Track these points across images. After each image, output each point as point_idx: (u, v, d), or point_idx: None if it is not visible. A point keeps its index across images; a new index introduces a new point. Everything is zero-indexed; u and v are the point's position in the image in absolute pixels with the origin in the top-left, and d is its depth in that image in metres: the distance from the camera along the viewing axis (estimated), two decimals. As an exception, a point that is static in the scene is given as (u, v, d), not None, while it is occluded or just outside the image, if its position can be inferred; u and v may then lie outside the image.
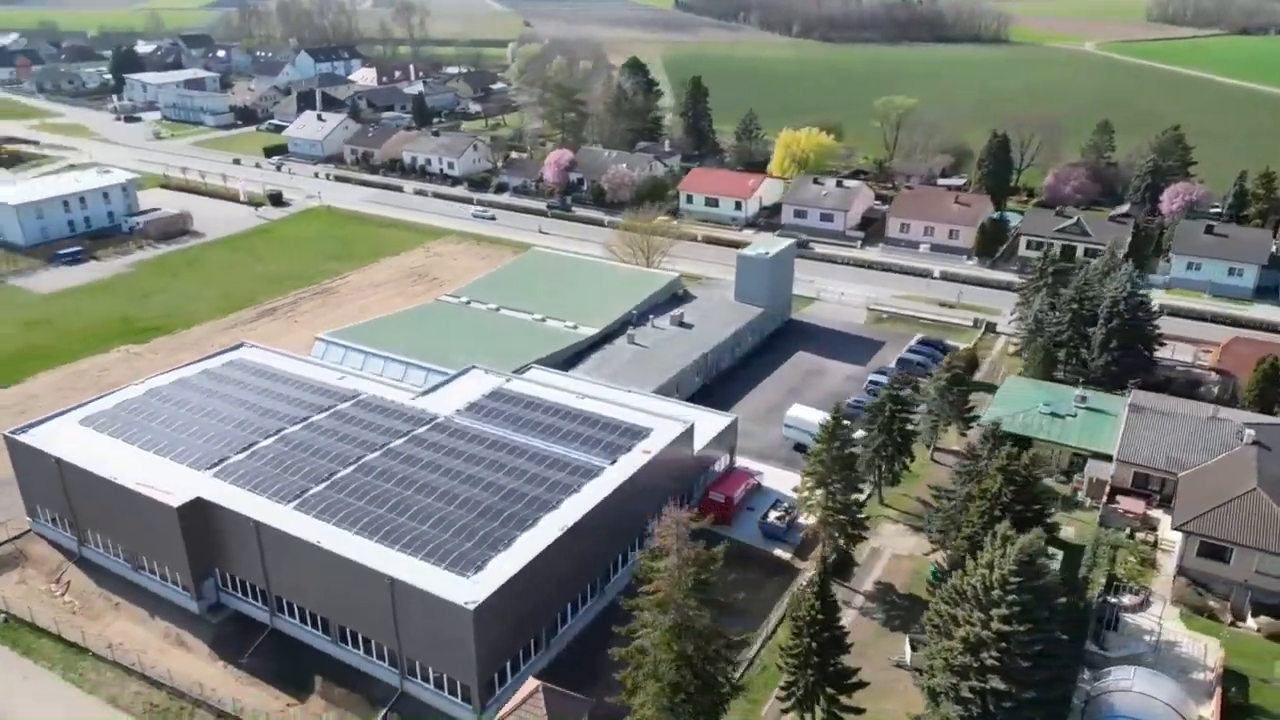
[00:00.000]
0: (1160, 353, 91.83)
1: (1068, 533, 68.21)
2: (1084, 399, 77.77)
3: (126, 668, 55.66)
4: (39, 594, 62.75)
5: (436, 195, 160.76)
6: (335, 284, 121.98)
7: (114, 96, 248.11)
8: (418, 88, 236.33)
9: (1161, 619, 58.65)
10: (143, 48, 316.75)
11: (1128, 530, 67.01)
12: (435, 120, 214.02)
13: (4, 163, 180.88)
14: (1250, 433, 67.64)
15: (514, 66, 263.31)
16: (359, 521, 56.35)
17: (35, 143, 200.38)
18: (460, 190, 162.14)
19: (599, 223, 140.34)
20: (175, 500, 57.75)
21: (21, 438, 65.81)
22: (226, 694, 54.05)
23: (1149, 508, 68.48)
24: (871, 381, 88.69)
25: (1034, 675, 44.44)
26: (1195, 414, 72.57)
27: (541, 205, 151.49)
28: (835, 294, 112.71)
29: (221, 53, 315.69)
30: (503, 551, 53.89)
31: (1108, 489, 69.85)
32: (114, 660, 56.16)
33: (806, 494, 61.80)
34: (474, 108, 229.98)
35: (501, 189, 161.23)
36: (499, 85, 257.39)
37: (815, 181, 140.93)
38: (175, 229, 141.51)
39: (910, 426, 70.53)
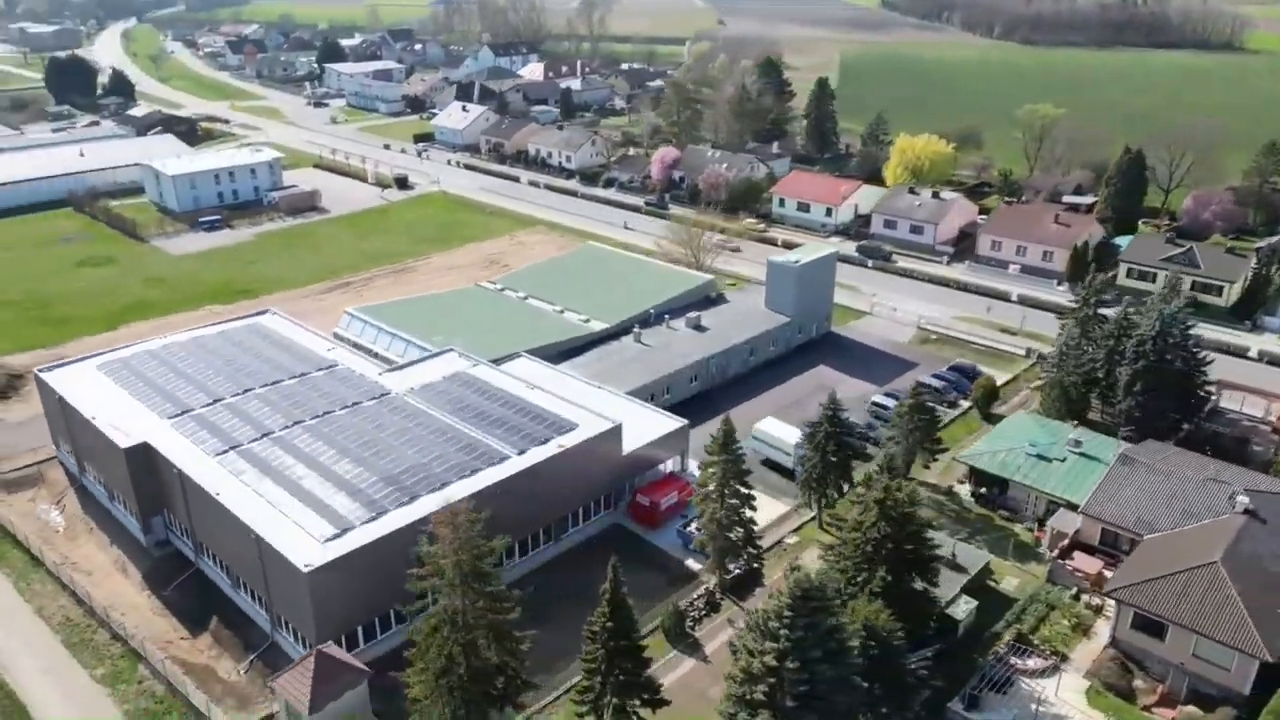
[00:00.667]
0: (1226, 403, 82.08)
1: (1009, 585, 62.77)
2: (1078, 443, 70.49)
3: (63, 584, 63.04)
4: (33, 511, 71.96)
5: (548, 187, 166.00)
6: (417, 264, 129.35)
7: (308, 84, 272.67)
8: (576, 83, 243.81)
9: (1059, 690, 52.79)
10: (354, 40, 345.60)
11: (1074, 590, 60.57)
12: (582, 115, 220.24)
13: (197, 138, 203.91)
14: (1243, 500, 59.26)
15: (685, 64, 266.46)
16: (263, 479, 60.76)
17: (227, 121, 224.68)
18: (572, 183, 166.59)
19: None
20: (126, 442, 64.56)
21: (46, 376, 75.44)
22: (135, 620, 59.99)
23: (1109, 568, 61.36)
24: (874, 403, 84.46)
25: (803, 717, 41.84)
26: (1191, 473, 64.05)
27: (640, 202, 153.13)
28: (889, 309, 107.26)
29: (419, 46, 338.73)
30: (369, 523, 56.49)
31: (1065, 543, 63.22)
32: (56, 576, 63.74)
33: (702, 506, 60.24)
34: (619, 104, 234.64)
35: (610, 184, 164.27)
36: (657, 83, 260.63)
37: (911, 191, 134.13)
38: (304, 205, 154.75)
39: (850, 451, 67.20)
